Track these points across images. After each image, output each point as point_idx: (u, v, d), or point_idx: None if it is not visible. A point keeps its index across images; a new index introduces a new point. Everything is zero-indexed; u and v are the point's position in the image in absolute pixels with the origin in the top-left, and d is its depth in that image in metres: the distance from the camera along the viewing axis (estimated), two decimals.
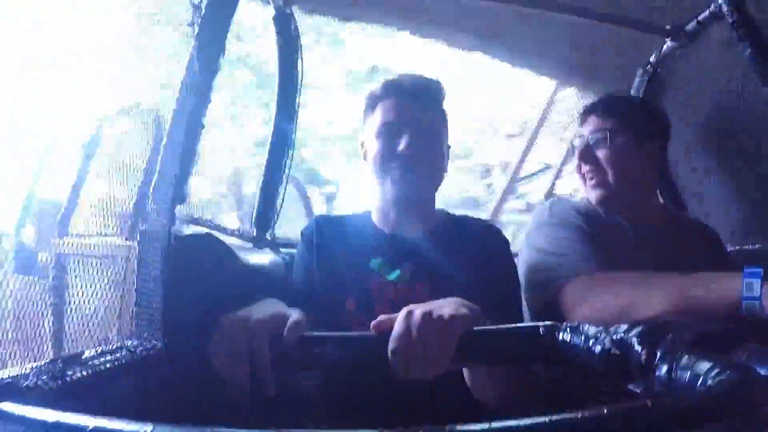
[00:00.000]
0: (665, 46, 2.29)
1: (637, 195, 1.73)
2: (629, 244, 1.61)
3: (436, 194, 1.63)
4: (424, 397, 1.33)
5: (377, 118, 1.57)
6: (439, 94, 1.62)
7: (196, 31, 1.45)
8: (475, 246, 1.53)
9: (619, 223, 1.67)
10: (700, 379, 0.68)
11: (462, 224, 1.62)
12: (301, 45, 2.14)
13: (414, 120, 1.54)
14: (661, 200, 2.44)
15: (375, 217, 1.63)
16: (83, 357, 1.09)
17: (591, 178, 1.75)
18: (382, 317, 1.10)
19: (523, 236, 1.70)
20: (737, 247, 2.15)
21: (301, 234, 1.65)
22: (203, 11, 1.47)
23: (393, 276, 1.48)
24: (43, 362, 0.98)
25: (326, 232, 1.59)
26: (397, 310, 1.36)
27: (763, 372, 0.74)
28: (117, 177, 2.29)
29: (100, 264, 1.99)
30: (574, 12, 2.16)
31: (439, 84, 1.63)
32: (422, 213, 1.59)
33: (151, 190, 1.35)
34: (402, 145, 1.51)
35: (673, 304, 1.26)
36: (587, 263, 1.47)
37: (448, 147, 1.64)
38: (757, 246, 2.13)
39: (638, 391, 0.87)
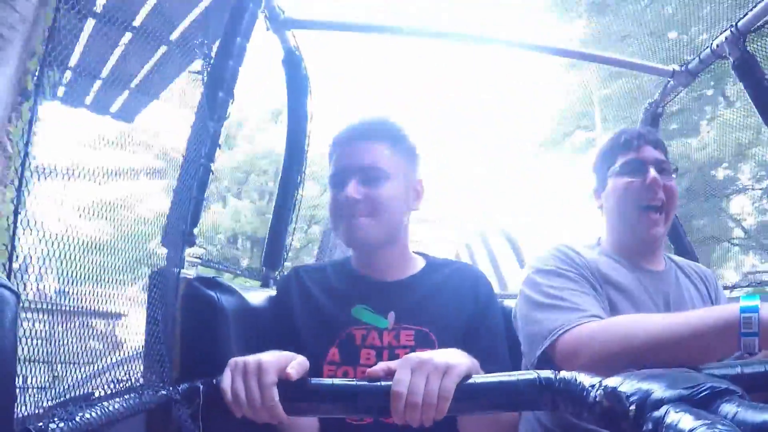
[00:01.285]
0: (668, 85, 2.32)
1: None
2: (641, 295, 1.56)
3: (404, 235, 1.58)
4: None
5: (330, 170, 1.57)
6: (393, 133, 1.56)
7: (205, 79, 1.50)
8: (460, 291, 1.52)
9: (632, 270, 1.61)
10: None
11: (445, 269, 1.59)
12: (310, 86, 2.19)
13: (357, 165, 1.50)
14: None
15: (354, 263, 1.61)
16: (93, 399, 1.11)
17: (649, 210, 1.59)
18: (375, 368, 1.13)
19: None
20: None
21: (276, 286, 1.66)
22: (212, 60, 1.51)
23: (377, 323, 1.47)
24: (53, 404, 1.00)
25: (305, 281, 1.58)
26: (383, 358, 1.40)
27: (747, 426, 0.74)
28: None
29: None
30: (585, 58, 2.21)
31: (393, 123, 1.59)
32: (388, 255, 1.55)
33: (162, 234, 1.38)
34: (344, 193, 1.48)
35: (674, 341, 1.22)
36: (584, 314, 1.41)
37: (417, 182, 1.59)
38: None
39: None
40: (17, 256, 0.76)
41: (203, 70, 1.54)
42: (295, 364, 1.14)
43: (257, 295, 1.75)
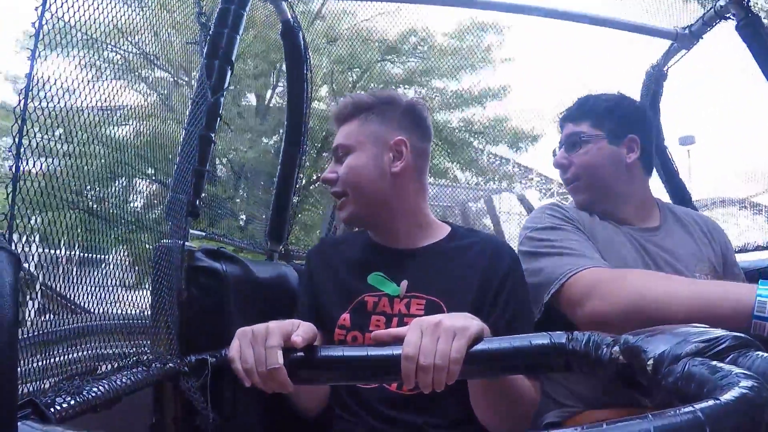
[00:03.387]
0: (671, 47, 2.29)
1: (626, 196, 1.69)
2: (622, 246, 1.58)
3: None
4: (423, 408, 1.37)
5: None
6: (363, 106, 1.54)
7: (205, 48, 1.48)
8: (478, 263, 1.47)
9: (620, 228, 1.64)
10: (706, 390, 0.68)
11: (467, 239, 1.55)
12: (309, 57, 2.17)
13: (332, 149, 1.55)
14: (669, 196, 2.44)
15: (371, 233, 1.61)
16: (100, 373, 1.10)
17: (568, 185, 1.74)
18: (380, 331, 1.13)
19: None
20: None
21: (306, 257, 1.67)
22: (211, 29, 1.49)
23: (389, 290, 1.47)
24: (60, 379, 1.00)
25: (328, 253, 1.60)
26: (392, 326, 1.39)
27: None
28: None
29: None
30: (586, 20, 2.18)
31: (363, 97, 1.56)
32: (392, 223, 1.53)
33: (165, 206, 1.37)
34: (322, 176, 1.55)
35: (688, 305, 1.24)
36: (590, 259, 1.43)
37: (397, 141, 1.51)
38: None
39: (646, 401, 0.87)
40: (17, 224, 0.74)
41: (202, 41, 1.52)
42: (301, 330, 1.13)
43: (263, 267, 1.74)
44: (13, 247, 0.73)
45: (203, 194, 1.48)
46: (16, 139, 0.79)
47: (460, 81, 11.38)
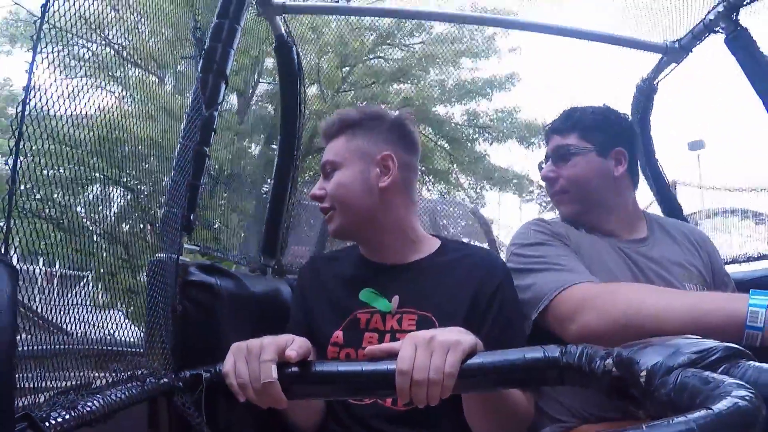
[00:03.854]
0: (661, 61, 2.31)
1: (614, 209, 1.69)
2: (609, 258, 1.58)
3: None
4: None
5: None
6: (348, 123, 1.56)
7: (200, 64, 1.48)
8: (469, 277, 1.47)
9: (606, 241, 1.64)
10: (699, 400, 0.69)
11: (457, 253, 1.55)
12: (303, 73, 2.18)
13: (321, 165, 1.57)
14: (660, 208, 2.45)
15: (361, 249, 1.61)
16: (94, 388, 1.10)
17: (555, 197, 1.74)
18: (374, 347, 1.14)
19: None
20: None
21: (299, 274, 1.68)
22: (206, 45, 1.50)
23: (381, 306, 1.47)
24: (55, 393, 0.99)
25: (320, 269, 1.60)
26: (384, 341, 1.40)
27: (762, 388, 0.73)
28: None
29: None
30: (576, 35, 2.20)
31: (349, 114, 1.58)
32: (381, 239, 1.54)
33: (160, 220, 1.37)
34: (310, 192, 1.56)
35: (680, 317, 1.24)
36: (578, 274, 1.43)
37: (384, 156, 1.51)
38: None
39: (640, 413, 0.88)
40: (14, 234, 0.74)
41: (197, 55, 1.53)
42: (295, 345, 1.14)
43: (257, 281, 1.74)
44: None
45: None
46: (13, 151, 0.79)
47: (463, 69, 10.88)
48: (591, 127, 1.70)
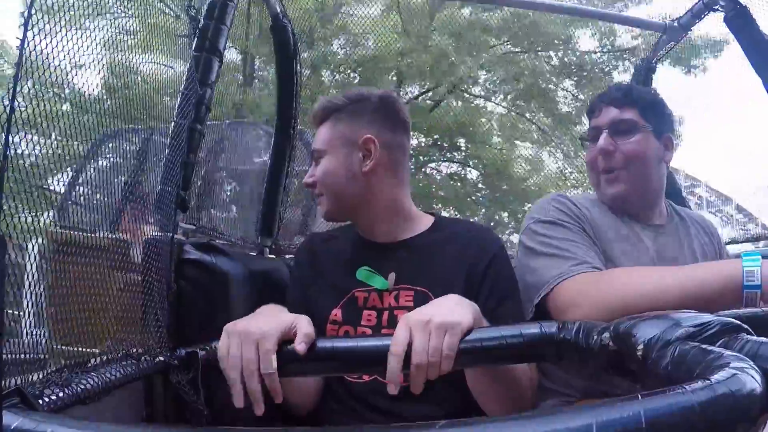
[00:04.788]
0: (660, 39, 2.30)
1: (653, 193, 1.65)
2: (637, 248, 1.56)
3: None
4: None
5: None
6: (332, 109, 1.54)
7: (194, 42, 1.47)
8: (464, 250, 1.48)
9: (629, 224, 1.61)
10: (697, 373, 0.68)
11: (450, 228, 1.56)
12: (298, 54, 2.16)
13: (312, 149, 1.56)
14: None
15: (357, 228, 1.60)
16: (89, 366, 1.10)
17: (604, 175, 1.62)
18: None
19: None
20: None
21: (295, 254, 1.68)
22: (200, 23, 1.48)
23: (377, 284, 1.47)
24: (49, 370, 0.99)
25: (317, 249, 1.60)
26: (383, 319, 1.41)
27: (761, 361, 0.73)
28: None
29: None
30: (577, 13, 2.19)
31: (334, 100, 1.57)
32: (375, 218, 1.53)
33: (155, 199, 1.36)
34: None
35: (678, 291, 1.24)
36: (581, 264, 1.41)
37: (365, 140, 1.49)
38: None
39: (638, 387, 0.88)
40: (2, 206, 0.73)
41: (191, 34, 1.51)
42: (302, 336, 1.12)
43: (253, 259, 1.74)
44: None
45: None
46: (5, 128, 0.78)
47: None
48: (650, 107, 1.62)
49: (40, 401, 0.84)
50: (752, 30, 1.91)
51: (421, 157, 11.60)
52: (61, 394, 0.91)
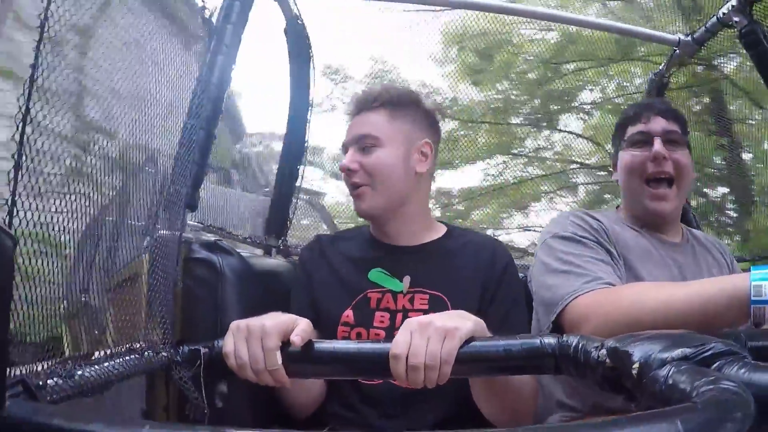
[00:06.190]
0: (674, 54, 2.29)
1: (681, 209, 1.65)
2: (655, 264, 1.55)
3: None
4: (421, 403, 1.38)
5: None
6: (393, 100, 1.55)
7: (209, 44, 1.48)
8: (477, 259, 1.51)
9: (649, 239, 1.60)
10: (693, 393, 0.68)
11: (464, 237, 1.59)
12: (312, 56, 2.17)
13: (355, 136, 1.53)
14: None
15: (372, 230, 1.62)
16: (93, 358, 1.11)
17: (656, 183, 1.57)
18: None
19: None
20: None
21: (300, 256, 1.68)
22: (215, 25, 1.50)
23: (392, 286, 1.48)
24: (53, 362, 1.00)
25: (326, 250, 1.59)
26: (396, 321, 1.42)
27: (754, 387, 0.73)
28: None
29: None
30: (592, 26, 2.19)
31: (395, 90, 1.58)
32: (401, 221, 1.55)
33: (164, 197, 1.37)
34: (342, 164, 1.53)
35: (686, 307, 1.21)
36: (597, 281, 1.39)
37: (423, 144, 1.55)
38: None
39: (632, 406, 0.88)
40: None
41: (206, 36, 1.52)
42: (300, 330, 1.16)
43: (260, 260, 1.75)
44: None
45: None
46: (20, 127, 0.79)
47: None
48: (686, 126, 1.64)
49: (43, 391, 0.85)
50: (766, 46, 1.91)
51: None
52: (63, 385, 0.92)
